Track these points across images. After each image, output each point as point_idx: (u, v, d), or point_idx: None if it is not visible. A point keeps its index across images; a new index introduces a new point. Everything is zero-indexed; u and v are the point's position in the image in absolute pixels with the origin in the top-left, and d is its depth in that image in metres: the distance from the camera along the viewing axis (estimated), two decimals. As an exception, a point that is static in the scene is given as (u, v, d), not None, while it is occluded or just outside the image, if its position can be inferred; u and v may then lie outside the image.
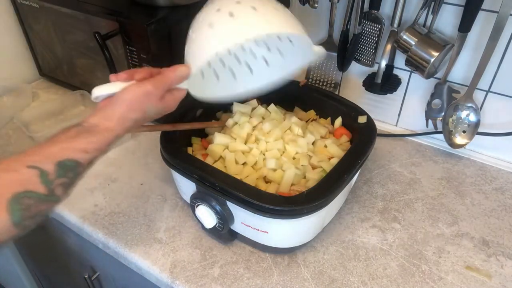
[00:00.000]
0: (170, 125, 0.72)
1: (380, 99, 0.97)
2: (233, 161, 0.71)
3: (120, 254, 0.71)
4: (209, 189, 0.62)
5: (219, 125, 0.80)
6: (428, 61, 0.79)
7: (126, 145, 0.93)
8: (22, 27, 1.07)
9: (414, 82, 0.91)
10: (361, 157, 0.67)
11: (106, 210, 0.77)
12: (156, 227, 0.74)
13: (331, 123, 0.81)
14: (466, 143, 0.85)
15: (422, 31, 0.80)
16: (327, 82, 0.98)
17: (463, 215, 0.77)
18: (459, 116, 0.84)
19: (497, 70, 0.80)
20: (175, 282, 0.65)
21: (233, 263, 0.68)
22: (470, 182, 0.84)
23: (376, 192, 0.81)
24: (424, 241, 0.72)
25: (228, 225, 0.66)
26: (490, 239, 0.72)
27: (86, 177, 0.84)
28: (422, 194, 0.81)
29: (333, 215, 0.74)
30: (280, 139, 0.73)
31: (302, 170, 0.70)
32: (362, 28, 0.87)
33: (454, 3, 0.78)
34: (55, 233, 0.96)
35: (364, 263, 0.68)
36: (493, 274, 0.67)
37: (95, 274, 0.95)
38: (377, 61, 0.88)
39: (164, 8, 0.88)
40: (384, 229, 0.74)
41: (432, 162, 0.89)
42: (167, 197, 0.80)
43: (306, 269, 0.67)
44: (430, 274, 0.66)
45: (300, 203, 0.58)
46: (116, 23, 0.85)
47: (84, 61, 1.00)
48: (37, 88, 1.14)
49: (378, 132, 0.74)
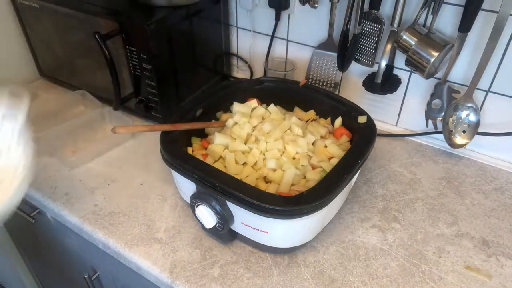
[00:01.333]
0: (170, 125, 0.72)
1: (380, 99, 0.97)
2: (233, 161, 0.71)
3: (120, 254, 0.71)
4: (209, 189, 0.62)
5: (219, 125, 0.80)
6: (428, 61, 0.79)
7: (126, 145, 0.94)
8: (22, 27, 1.07)
9: (414, 82, 0.91)
10: (361, 157, 0.67)
11: (106, 210, 0.77)
12: (156, 227, 0.74)
13: (331, 123, 0.81)
14: (466, 143, 0.85)
15: (422, 31, 0.80)
16: (327, 82, 0.98)
17: (463, 215, 0.77)
18: (459, 116, 0.84)
19: (497, 70, 0.80)
20: (175, 282, 0.65)
21: (233, 263, 0.68)
22: (470, 182, 0.84)
23: (376, 192, 0.81)
24: (424, 241, 0.72)
25: (228, 225, 0.66)
26: (490, 239, 0.72)
27: (86, 177, 0.85)
28: (422, 194, 0.81)
29: (333, 215, 0.74)
30: (280, 139, 0.73)
31: (302, 170, 0.70)
32: (362, 28, 0.87)
33: (454, 3, 0.78)
34: (55, 233, 0.96)
35: (364, 263, 0.68)
36: (493, 274, 0.67)
37: (95, 274, 0.95)
38: (377, 61, 0.88)
39: (164, 8, 0.88)
40: (384, 229, 0.74)
41: (432, 162, 0.89)
42: (167, 197, 0.80)
43: (306, 269, 0.67)
44: (430, 274, 0.66)
45: (300, 203, 0.58)
46: (116, 23, 0.85)
47: (84, 61, 1.00)
48: (37, 88, 1.14)
49: (378, 132, 0.74)
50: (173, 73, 0.92)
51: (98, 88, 1.02)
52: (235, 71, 1.18)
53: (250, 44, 1.10)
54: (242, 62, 1.15)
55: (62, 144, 0.93)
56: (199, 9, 0.94)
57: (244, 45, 1.11)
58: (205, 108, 0.79)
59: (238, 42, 1.12)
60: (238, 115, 0.78)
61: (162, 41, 0.86)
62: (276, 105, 0.83)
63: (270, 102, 0.83)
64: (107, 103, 1.01)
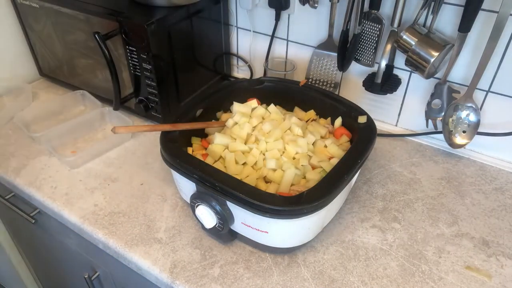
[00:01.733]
0: (170, 125, 0.72)
1: (380, 99, 0.97)
2: (233, 161, 0.71)
3: (120, 254, 0.71)
4: (209, 189, 0.62)
5: (219, 125, 0.80)
6: (428, 61, 0.79)
7: (126, 145, 0.94)
8: (22, 27, 1.07)
9: (414, 82, 0.91)
10: (361, 157, 0.67)
11: (106, 210, 0.77)
12: (156, 227, 0.74)
13: (331, 123, 0.81)
14: (466, 143, 0.85)
15: (422, 31, 0.80)
16: (327, 82, 0.98)
17: (463, 215, 0.77)
18: (459, 116, 0.84)
19: (497, 70, 0.80)
20: (175, 282, 0.65)
21: (233, 263, 0.68)
22: (470, 182, 0.84)
23: (376, 192, 0.81)
24: (424, 241, 0.72)
25: (228, 225, 0.66)
26: (490, 239, 0.72)
27: (86, 177, 0.85)
28: (422, 194, 0.81)
29: (333, 215, 0.74)
30: (280, 139, 0.73)
31: (302, 170, 0.70)
32: (362, 28, 0.87)
33: (454, 3, 0.78)
34: (55, 233, 0.96)
35: (364, 263, 0.68)
36: (493, 274, 0.67)
37: (95, 274, 0.95)
38: (377, 61, 0.88)
39: (164, 8, 0.88)
40: (384, 229, 0.74)
41: (432, 162, 0.89)
42: (167, 197, 0.80)
43: (306, 269, 0.67)
44: (430, 274, 0.66)
45: (300, 203, 0.58)
46: (116, 23, 0.85)
47: (84, 61, 1.00)
48: (37, 88, 1.14)
49: (378, 132, 0.74)
50: (173, 73, 0.92)
51: (98, 88, 1.02)
52: (235, 71, 1.18)
53: (250, 44, 1.10)
54: (242, 62, 1.15)
55: (62, 144, 0.93)
56: (199, 9, 0.94)
57: (244, 45, 1.11)
58: (205, 108, 0.79)
59: (238, 42, 1.12)
60: (238, 115, 0.78)
61: (162, 41, 0.86)
62: (276, 105, 0.83)
63: (270, 102, 0.83)
64: (107, 103, 1.01)
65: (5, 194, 0.95)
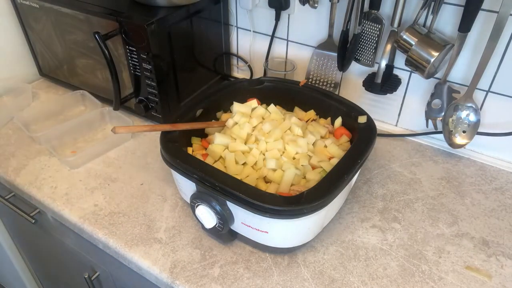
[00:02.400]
0: (170, 125, 0.72)
1: (380, 99, 0.97)
2: (233, 161, 0.71)
3: (120, 254, 0.71)
4: (209, 189, 0.62)
5: (219, 125, 0.80)
6: (428, 61, 0.79)
7: (126, 145, 0.94)
8: (22, 27, 1.07)
9: (414, 82, 0.91)
10: (361, 157, 0.67)
11: (106, 210, 0.77)
12: (156, 227, 0.74)
13: (331, 123, 0.81)
14: (466, 143, 0.85)
15: (422, 31, 0.80)
16: (327, 82, 0.98)
17: (463, 215, 0.77)
18: (459, 116, 0.84)
19: (497, 70, 0.80)
20: (175, 282, 0.65)
21: (233, 263, 0.68)
22: (470, 182, 0.84)
23: (376, 192, 0.81)
24: (424, 241, 0.72)
25: (228, 225, 0.66)
26: (490, 239, 0.72)
27: (86, 177, 0.85)
28: (422, 194, 0.81)
29: (333, 215, 0.74)
30: (280, 139, 0.73)
31: (302, 170, 0.70)
32: (362, 28, 0.87)
33: (454, 3, 0.78)
34: (55, 233, 0.96)
35: (364, 263, 0.68)
36: (493, 274, 0.67)
37: (95, 274, 0.95)
38: (377, 61, 0.88)
39: (164, 8, 0.88)
40: (384, 229, 0.74)
41: (432, 162, 0.89)
42: (167, 197, 0.80)
43: (306, 269, 0.67)
44: (430, 274, 0.66)
45: (300, 203, 0.58)
46: (116, 23, 0.85)
47: (84, 61, 1.00)
48: (37, 88, 1.14)
49: (378, 132, 0.74)
50: (173, 73, 0.92)
51: (98, 88, 1.02)
52: (235, 71, 1.18)
53: (250, 44, 1.10)
54: (242, 62, 1.15)
55: (62, 144, 0.93)
56: (199, 9, 0.94)
57: (244, 45, 1.11)
58: (205, 108, 0.79)
59: (238, 42, 1.12)
60: (238, 115, 0.78)
61: (162, 41, 0.86)
62: (276, 105, 0.83)
63: (270, 102, 0.83)
64: (107, 103, 1.01)
65: (5, 194, 0.95)
